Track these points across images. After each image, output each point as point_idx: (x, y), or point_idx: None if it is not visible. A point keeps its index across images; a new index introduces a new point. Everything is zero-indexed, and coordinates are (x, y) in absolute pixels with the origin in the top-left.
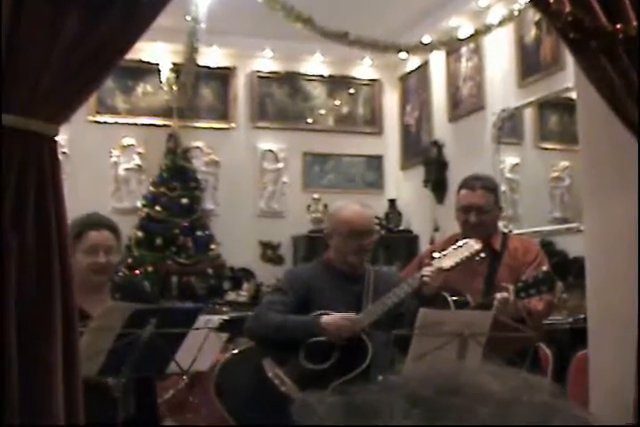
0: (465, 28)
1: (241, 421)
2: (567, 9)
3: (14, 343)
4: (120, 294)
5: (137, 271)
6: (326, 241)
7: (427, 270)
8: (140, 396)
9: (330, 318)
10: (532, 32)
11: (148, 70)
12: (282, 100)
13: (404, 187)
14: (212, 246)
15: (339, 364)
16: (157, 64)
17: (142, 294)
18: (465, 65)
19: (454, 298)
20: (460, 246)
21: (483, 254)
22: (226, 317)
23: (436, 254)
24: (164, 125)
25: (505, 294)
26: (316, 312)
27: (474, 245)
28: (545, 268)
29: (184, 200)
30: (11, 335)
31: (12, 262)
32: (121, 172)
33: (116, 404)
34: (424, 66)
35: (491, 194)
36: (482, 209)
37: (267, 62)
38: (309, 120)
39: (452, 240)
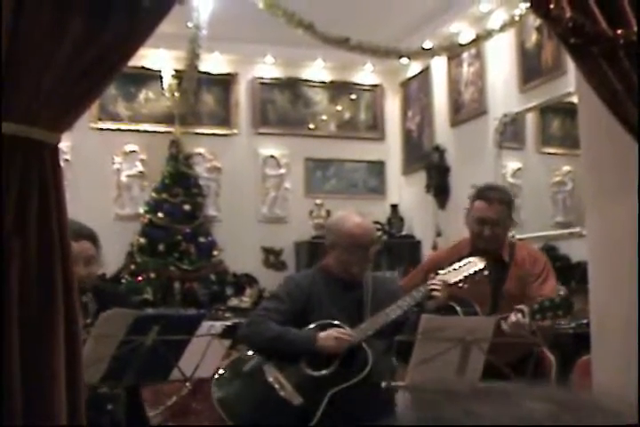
0: (466, 33)
1: (240, 424)
2: (567, 14)
3: (17, 348)
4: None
5: (139, 278)
6: (327, 251)
7: (434, 284)
8: (129, 403)
9: (325, 335)
10: (533, 37)
11: (150, 77)
12: (283, 106)
13: (405, 192)
14: (215, 252)
15: (340, 370)
16: (159, 71)
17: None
18: (466, 70)
19: (460, 308)
20: (465, 264)
21: (486, 272)
22: (229, 323)
23: (442, 271)
24: (166, 132)
25: (520, 317)
26: (316, 323)
27: (478, 263)
28: (553, 281)
29: (186, 206)
30: (13, 340)
31: (15, 268)
32: (123, 178)
33: (105, 412)
34: (425, 71)
35: (506, 207)
36: (496, 222)
37: (268, 68)
38: (311, 126)
39: (459, 247)
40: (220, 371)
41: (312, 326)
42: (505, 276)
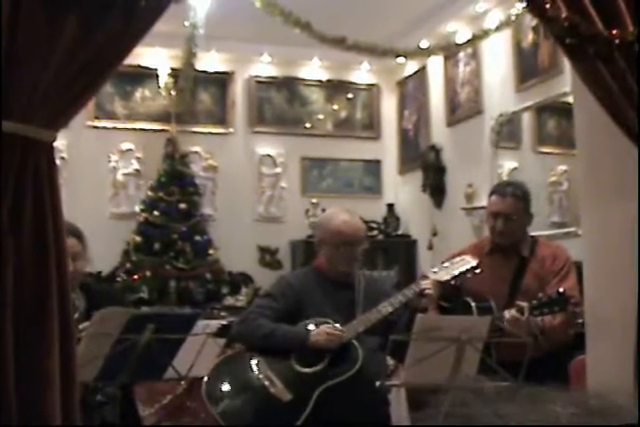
0: (462, 32)
1: (230, 422)
2: (563, 14)
3: (11, 347)
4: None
5: (135, 276)
6: (316, 249)
7: (426, 284)
8: (122, 405)
9: (317, 331)
10: (530, 37)
11: (146, 75)
12: (280, 105)
13: (402, 191)
14: (211, 251)
15: (330, 367)
16: (156, 69)
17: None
18: (463, 70)
19: (475, 303)
20: (457, 262)
21: (478, 270)
22: (224, 322)
23: (434, 269)
24: (163, 130)
25: (513, 313)
26: (307, 321)
27: (470, 261)
28: (573, 279)
29: (182, 205)
30: (7, 339)
31: (9, 266)
32: (119, 177)
33: (95, 412)
34: (422, 71)
35: (520, 201)
36: (509, 216)
37: (265, 67)
38: (307, 125)
39: (481, 245)
40: (205, 378)
41: (304, 323)
42: (523, 271)
